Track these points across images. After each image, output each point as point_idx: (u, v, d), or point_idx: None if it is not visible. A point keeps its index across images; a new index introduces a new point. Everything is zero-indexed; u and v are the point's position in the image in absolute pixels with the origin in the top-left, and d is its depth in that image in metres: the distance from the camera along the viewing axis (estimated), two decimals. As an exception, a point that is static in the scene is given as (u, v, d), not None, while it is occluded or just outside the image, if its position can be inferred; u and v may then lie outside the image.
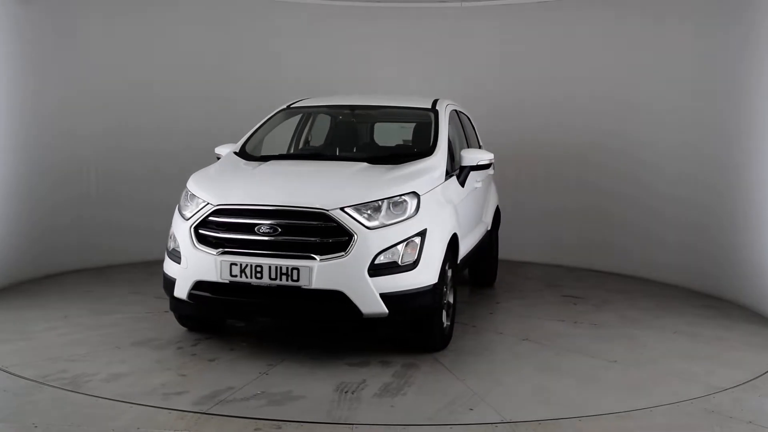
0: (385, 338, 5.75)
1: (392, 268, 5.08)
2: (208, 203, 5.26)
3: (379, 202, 5.17)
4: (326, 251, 5.00)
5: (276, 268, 5.00)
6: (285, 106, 6.87)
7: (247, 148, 6.33)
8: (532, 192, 9.20)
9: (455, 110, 7.17)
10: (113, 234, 8.19)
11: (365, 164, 5.78)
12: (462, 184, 6.27)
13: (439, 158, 5.97)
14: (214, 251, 5.13)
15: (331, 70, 9.14)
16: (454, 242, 5.84)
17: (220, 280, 5.11)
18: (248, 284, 5.06)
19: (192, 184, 5.55)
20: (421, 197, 5.35)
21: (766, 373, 5.44)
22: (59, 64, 7.78)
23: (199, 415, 4.24)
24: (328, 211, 5.02)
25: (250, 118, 6.88)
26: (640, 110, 8.48)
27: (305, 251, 5.01)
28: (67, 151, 7.84)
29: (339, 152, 6.73)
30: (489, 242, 7.77)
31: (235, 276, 5.06)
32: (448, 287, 5.73)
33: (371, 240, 5.03)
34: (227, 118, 8.04)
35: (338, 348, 5.64)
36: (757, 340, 6.21)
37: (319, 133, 7.28)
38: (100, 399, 4.45)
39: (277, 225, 5.06)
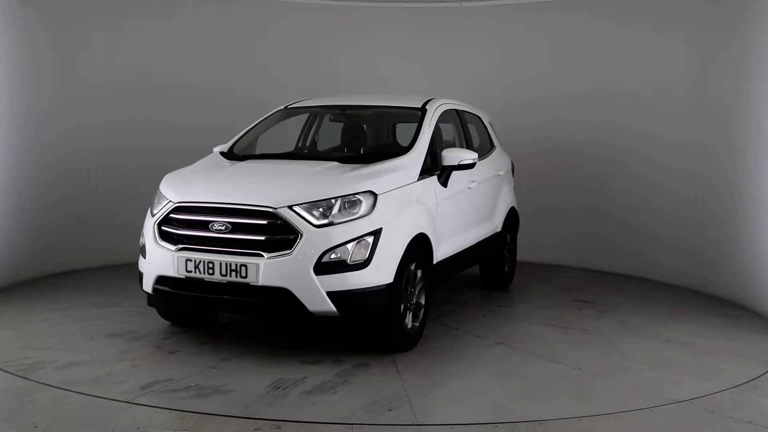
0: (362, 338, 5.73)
1: (340, 266, 5.09)
2: (170, 201, 5.45)
3: (333, 201, 5.19)
4: (274, 249, 5.07)
5: (226, 264, 5.11)
6: (282, 107, 6.99)
7: (237, 148, 6.48)
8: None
9: (455, 110, 7.10)
10: (116, 232, 8.36)
11: (335, 163, 5.82)
12: (444, 184, 6.18)
13: (411, 157, 5.93)
14: (173, 247, 5.31)
15: (331, 70, 9.23)
16: (425, 243, 5.80)
17: (177, 275, 5.28)
18: (202, 280, 5.21)
19: (162, 183, 5.74)
20: (379, 196, 5.33)
21: (765, 373, 5.32)
22: (58, 62, 7.89)
23: (199, 415, 4.25)
24: (275, 209, 5.09)
25: (252, 116, 7.00)
26: (644, 110, 8.31)
27: (255, 249, 5.10)
28: (66, 149, 7.97)
29: (316, 152, 6.78)
30: (499, 244, 7.63)
31: (190, 272, 5.22)
32: (417, 288, 5.69)
33: (318, 238, 5.06)
34: (229, 117, 8.08)
35: (303, 344, 5.69)
36: (751, 350, 5.87)
37: (318, 133, 7.35)
38: (100, 399, 4.49)
39: (229, 222, 5.18)
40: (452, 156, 6.19)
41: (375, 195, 5.32)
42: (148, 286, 5.50)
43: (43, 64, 7.72)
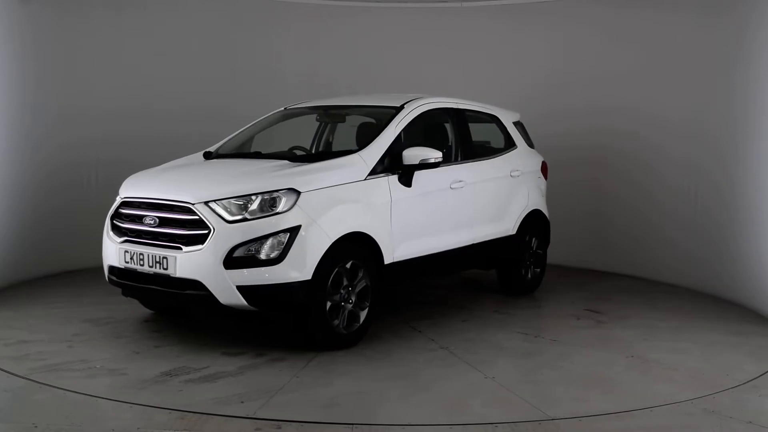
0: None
1: (252, 261, 5.20)
2: (119, 196, 5.84)
3: (253, 197, 5.31)
4: (191, 243, 5.28)
5: (152, 256, 5.41)
6: (282, 108, 7.18)
7: (224, 148, 6.75)
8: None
9: (452, 109, 6.93)
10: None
11: (284, 162, 5.93)
12: (407, 183, 6.07)
13: (362, 156, 5.89)
14: (118, 239, 5.68)
15: (331, 70, 9.25)
16: (371, 244, 5.75)
17: (119, 265, 5.65)
18: (135, 270, 5.53)
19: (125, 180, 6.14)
20: (303, 194, 5.37)
21: (765, 373, 5.27)
22: (59, 65, 7.91)
23: (199, 415, 4.29)
24: (192, 204, 5.30)
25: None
26: (650, 111, 7.99)
27: (177, 242, 5.34)
28: (68, 155, 8.05)
29: (279, 151, 6.85)
30: (514, 248, 7.31)
31: (128, 262, 5.57)
32: (356, 287, 5.65)
33: (228, 233, 5.20)
34: (230, 124, 8.12)
35: (245, 336, 5.84)
36: (715, 375, 5.27)
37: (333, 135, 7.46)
38: (100, 399, 4.56)
39: (157, 217, 5.47)
40: (412, 155, 6.04)
41: (298, 192, 5.37)
42: (105, 274, 5.92)
43: (44, 69, 7.77)
